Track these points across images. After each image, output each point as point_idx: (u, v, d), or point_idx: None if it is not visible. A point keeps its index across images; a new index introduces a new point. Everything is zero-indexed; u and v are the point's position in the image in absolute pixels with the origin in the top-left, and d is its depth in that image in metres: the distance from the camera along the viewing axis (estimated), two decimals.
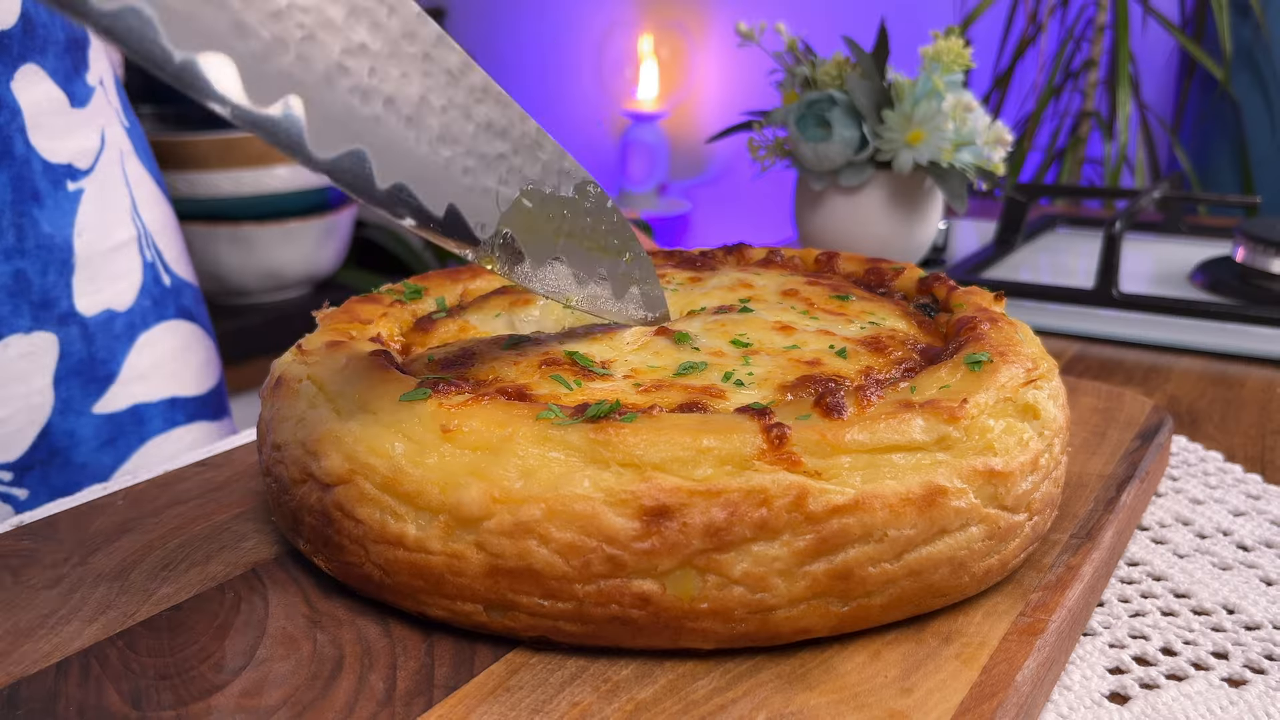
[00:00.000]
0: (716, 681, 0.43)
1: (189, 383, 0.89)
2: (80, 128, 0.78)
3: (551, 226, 0.52)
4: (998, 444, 0.48)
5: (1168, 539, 0.61)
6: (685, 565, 0.43)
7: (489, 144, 0.48)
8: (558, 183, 0.52)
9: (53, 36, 0.75)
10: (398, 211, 0.44)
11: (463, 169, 0.47)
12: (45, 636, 0.46)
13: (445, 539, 0.44)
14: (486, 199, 0.48)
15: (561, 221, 0.52)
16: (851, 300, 0.64)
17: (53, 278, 0.76)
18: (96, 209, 0.79)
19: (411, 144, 0.44)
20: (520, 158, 0.50)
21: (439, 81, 0.45)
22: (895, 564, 0.45)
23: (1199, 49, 2.39)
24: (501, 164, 0.49)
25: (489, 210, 0.48)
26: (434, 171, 0.45)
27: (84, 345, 0.79)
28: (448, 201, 0.46)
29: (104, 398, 0.81)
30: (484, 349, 0.56)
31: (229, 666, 0.44)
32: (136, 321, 0.83)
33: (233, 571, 0.52)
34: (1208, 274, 1.11)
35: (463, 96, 0.46)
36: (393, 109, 0.43)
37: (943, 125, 0.99)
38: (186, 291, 0.92)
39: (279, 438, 0.52)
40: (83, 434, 0.80)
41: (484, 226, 0.48)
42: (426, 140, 0.45)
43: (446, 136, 0.46)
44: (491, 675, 0.43)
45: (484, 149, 0.48)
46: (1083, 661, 0.50)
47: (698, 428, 0.44)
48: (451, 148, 0.46)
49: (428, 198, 0.45)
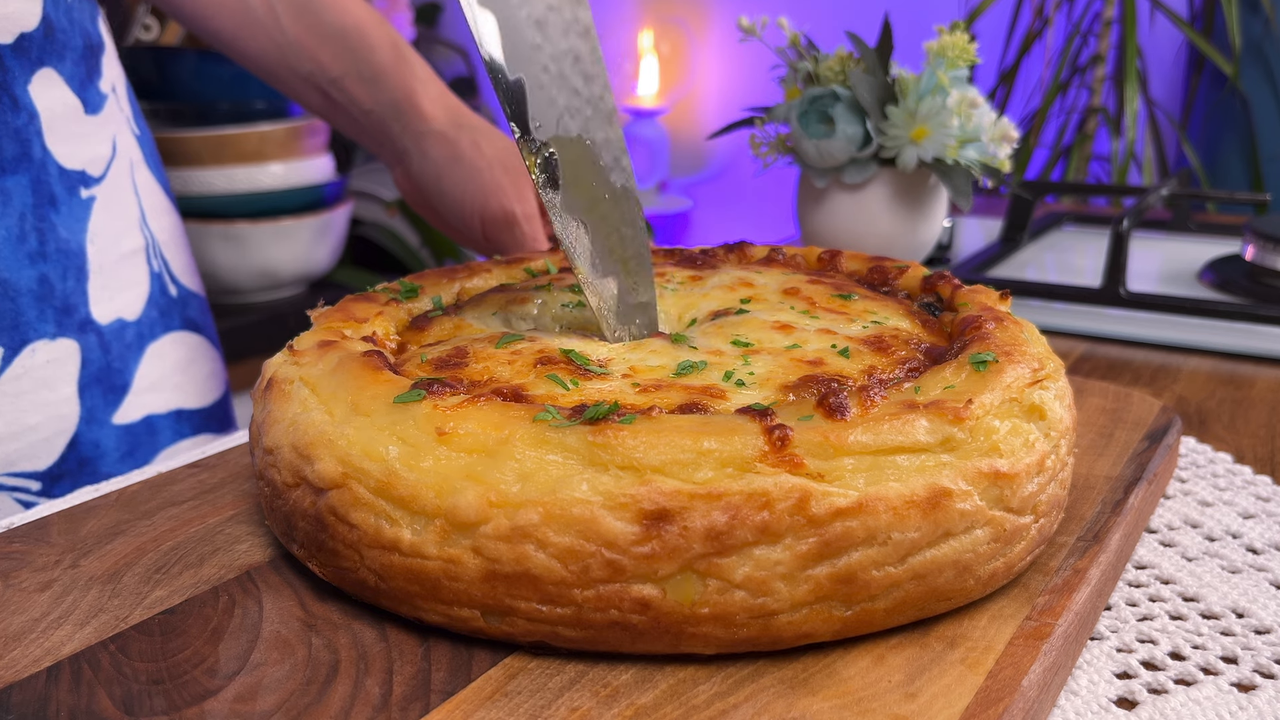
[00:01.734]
0: (718, 686, 0.43)
1: (194, 395, 0.89)
2: (93, 135, 0.78)
3: (589, 192, 0.54)
4: (1003, 445, 0.48)
5: (1176, 542, 0.61)
6: (686, 570, 0.43)
7: (572, 72, 0.51)
8: (611, 165, 0.55)
9: (71, 42, 0.75)
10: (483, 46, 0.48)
11: (543, 66, 0.50)
12: (36, 640, 0.46)
13: (441, 544, 0.44)
14: (551, 109, 0.51)
15: (599, 200, 0.55)
16: (854, 299, 0.64)
17: (71, 283, 0.76)
18: (107, 217, 0.80)
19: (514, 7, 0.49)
20: (591, 111, 0.53)
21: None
22: (899, 567, 0.45)
23: (1208, 43, 2.39)
24: (575, 98, 0.52)
25: (549, 119, 0.51)
26: (522, 42, 0.49)
27: (102, 354, 0.79)
28: (519, 74, 0.49)
29: (121, 408, 0.81)
30: (477, 347, 0.56)
31: (223, 671, 0.44)
32: (145, 332, 0.84)
33: (226, 574, 0.52)
34: (1217, 272, 1.11)
35: (570, 15, 0.51)
36: None
37: (947, 121, 0.99)
38: (193, 302, 0.92)
39: (271, 441, 0.52)
40: (106, 445, 0.80)
41: (540, 128, 0.51)
42: (527, 13, 0.49)
43: (544, 27, 0.50)
44: (489, 680, 0.43)
45: (565, 70, 0.51)
46: (1090, 666, 0.50)
47: (698, 429, 0.44)
48: (543, 38, 0.50)
49: (508, 53, 0.49)
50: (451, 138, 0.94)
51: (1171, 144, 2.63)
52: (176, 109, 1.89)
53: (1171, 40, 2.63)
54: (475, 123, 0.97)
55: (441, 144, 0.94)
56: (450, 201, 0.95)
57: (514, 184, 0.93)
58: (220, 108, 1.88)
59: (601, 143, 0.54)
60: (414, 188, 0.98)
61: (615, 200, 0.55)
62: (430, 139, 0.94)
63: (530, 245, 0.93)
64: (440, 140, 0.94)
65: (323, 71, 0.93)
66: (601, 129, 0.54)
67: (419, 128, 0.95)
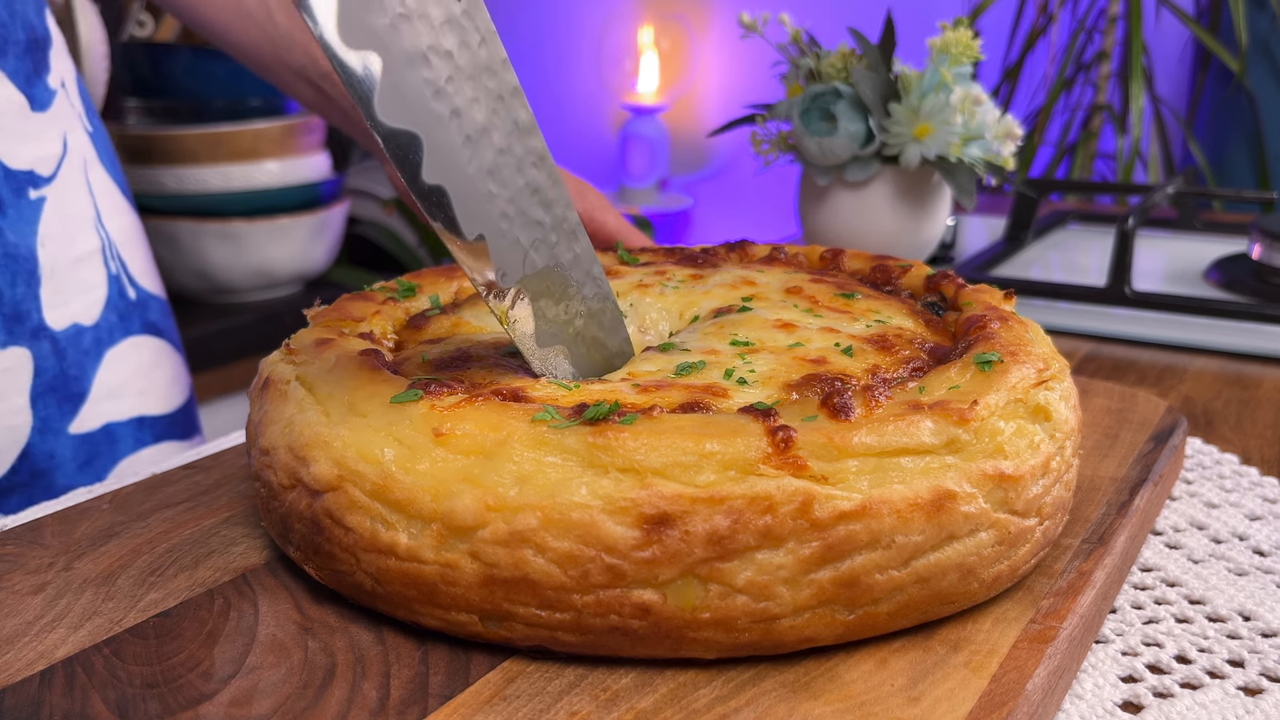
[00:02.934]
0: (718, 690, 0.43)
1: (156, 401, 0.88)
2: (41, 133, 0.77)
3: (563, 316, 0.53)
4: (1008, 447, 0.48)
5: (1182, 544, 0.61)
6: (687, 574, 0.43)
7: (531, 206, 0.51)
8: (583, 280, 0.54)
9: (13, 36, 0.74)
10: (432, 212, 0.47)
11: (501, 212, 0.49)
12: (29, 644, 0.46)
13: (438, 548, 0.44)
14: (515, 252, 0.50)
15: (574, 319, 0.54)
16: (857, 298, 0.64)
17: (22, 289, 0.74)
18: (59, 218, 0.78)
19: (464, 162, 0.47)
20: (556, 236, 0.52)
21: (504, 125, 0.49)
22: (903, 571, 0.45)
23: (1214, 40, 2.39)
24: (538, 230, 0.51)
25: (514, 263, 0.50)
26: (476, 197, 0.48)
27: (56, 361, 0.77)
28: (480, 231, 0.48)
29: (78, 417, 0.80)
30: (482, 351, 0.56)
31: (218, 675, 0.44)
32: (104, 337, 0.82)
33: (222, 577, 0.51)
34: (1223, 271, 1.11)
35: (521, 150, 0.50)
36: (458, 121, 0.47)
37: (951, 119, 0.99)
38: (153, 305, 0.90)
39: (266, 441, 0.52)
40: (62, 455, 0.79)
41: (505, 276, 0.50)
42: (478, 167, 0.48)
43: (496, 175, 0.48)
44: (488, 684, 0.43)
45: (526, 207, 0.50)
46: (1095, 670, 0.50)
47: (700, 431, 0.44)
48: (498, 187, 0.49)
49: (463, 216, 0.48)
50: None
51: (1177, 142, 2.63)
52: (171, 106, 1.89)
53: (1177, 37, 2.63)
54: None
55: None
56: None
57: None
58: (215, 105, 1.88)
59: (570, 262, 0.53)
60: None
61: (592, 315, 0.55)
62: None
63: None
64: None
65: (314, 65, 0.92)
66: (569, 249, 0.53)
67: None
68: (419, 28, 0.45)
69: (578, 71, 3.58)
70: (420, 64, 0.45)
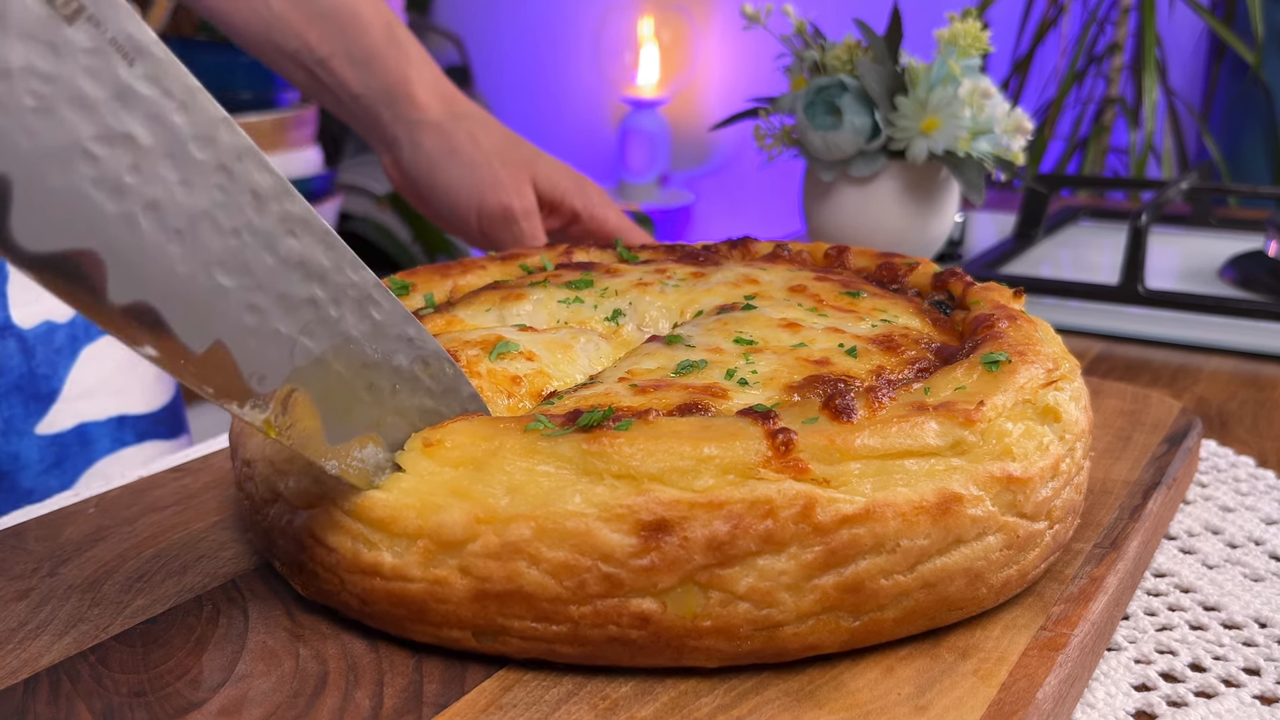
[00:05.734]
0: (720, 699, 0.43)
1: (138, 399, 0.87)
2: None
3: (371, 399, 0.46)
4: (1016, 448, 0.48)
5: (1196, 549, 0.61)
6: (687, 582, 0.43)
7: (293, 284, 0.42)
8: (392, 349, 0.46)
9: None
10: (135, 336, 0.39)
11: (247, 305, 0.41)
12: (13, 651, 0.46)
13: (425, 565, 0.44)
14: (276, 346, 0.42)
15: (388, 396, 0.46)
16: (863, 297, 0.64)
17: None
18: None
19: (174, 261, 0.39)
20: (340, 310, 0.44)
21: (236, 200, 0.40)
22: (908, 576, 0.45)
23: (1229, 32, 2.39)
24: (309, 310, 0.43)
25: (277, 360, 0.42)
26: (201, 299, 0.40)
27: (23, 359, 0.77)
28: (214, 337, 0.40)
29: (47, 417, 0.79)
30: (470, 354, 0.56)
31: (207, 683, 0.44)
32: (79, 334, 0.81)
33: (211, 583, 0.51)
34: (1239, 269, 1.11)
35: (268, 224, 0.41)
36: (156, 216, 0.38)
37: (959, 112, 0.98)
38: None
39: (248, 453, 0.51)
40: (27, 457, 0.78)
41: (264, 379, 0.42)
42: (200, 262, 0.40)
43: (231, 264, 0.40)
44: (483, 692, 0.43)
45: (285, 288, 0.42)
46: (1107, 678, 0.50)
47: (698, 434, 0.44)
48: (236, 278, 0.41)
49: (184, 327, 0.40)
50: (447, 129, 0.94)
51: (1192, 136, 2.63)
52: None
53: (1191, 28, 2.63)
54: (471, 111, 0.97)
55: (436, 135, 0.94)
56: (445, 195, 0.95)
57: (512, 178, 0.93)
58: None
59: (367, 334, 0.45)
60: (404, 177, 0.98)
61: (413, 382, 0.48)
62: (424, 129, 0.94)
63: (528, 241, 0.93)
64: (434, 131, 0.94)
65: (309, 50, 0.92)
66: (361, 319, 0.45)
67: (411, 116, 0.94)
68: (70, 117, 0.35)
69: (576, 64, 3.58)
70: (79, 161, 0.36)
